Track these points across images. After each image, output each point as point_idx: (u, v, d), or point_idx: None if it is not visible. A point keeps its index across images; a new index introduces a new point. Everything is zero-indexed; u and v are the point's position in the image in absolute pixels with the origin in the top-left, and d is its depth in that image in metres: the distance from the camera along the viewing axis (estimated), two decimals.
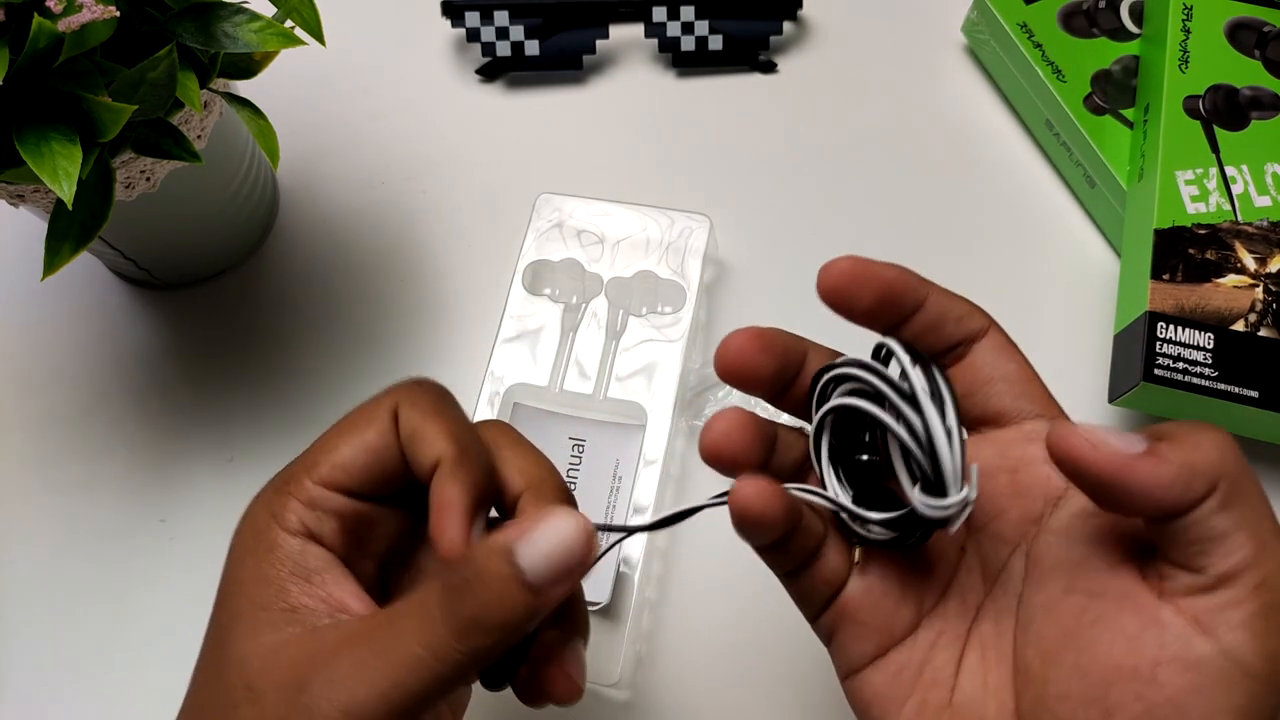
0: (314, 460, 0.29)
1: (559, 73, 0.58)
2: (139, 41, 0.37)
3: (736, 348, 0.28)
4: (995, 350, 0.30)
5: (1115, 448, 0.24)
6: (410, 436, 0.29)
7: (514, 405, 0.46)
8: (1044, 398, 0.30)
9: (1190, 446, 0.25)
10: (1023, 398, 0.29)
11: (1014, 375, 0.29)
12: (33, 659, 0.45)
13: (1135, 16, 0.55)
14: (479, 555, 0.25)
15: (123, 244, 0.47)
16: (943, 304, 0.29)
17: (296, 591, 0.27)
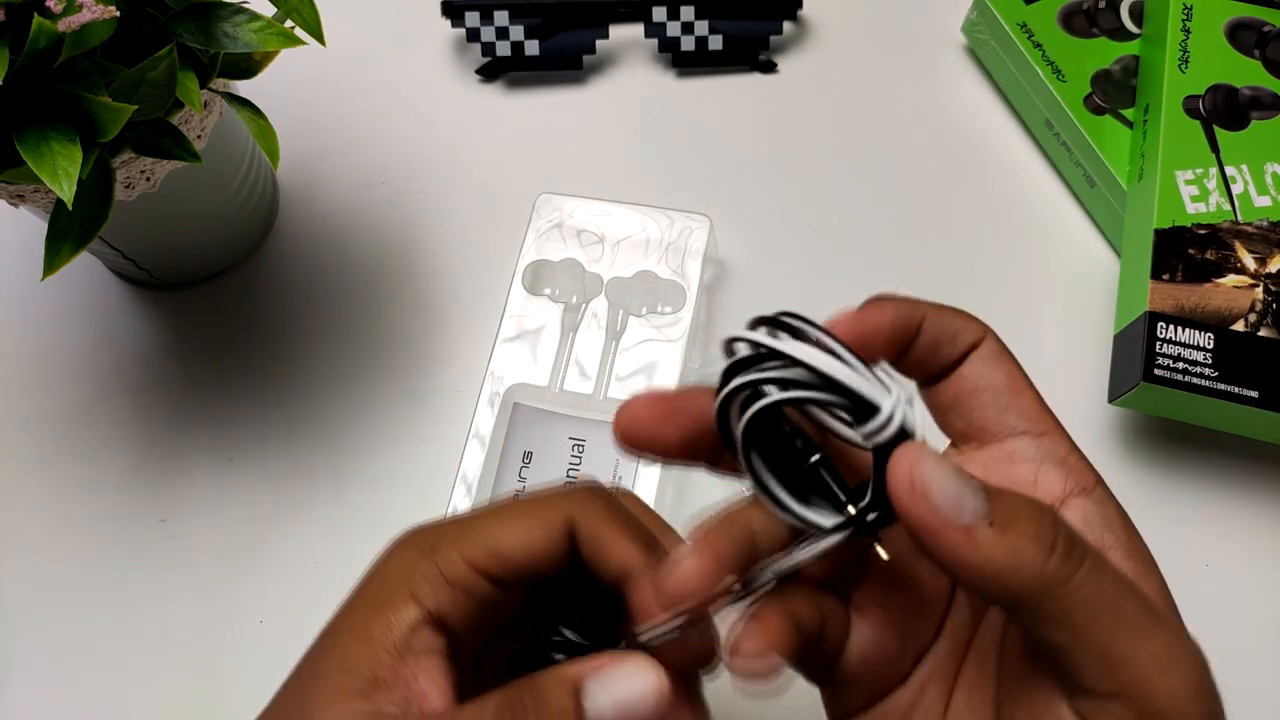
0: (469, 538, 0.27)
1: (559, 73, 0.58)
2: (139, 41, 0.37)
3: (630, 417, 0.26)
4: (985, 360, 0.28)
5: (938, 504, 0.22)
6: (594, 544, 0.27)
7: (514, 405, 0.46)
8: (1034, 411, 0.28)
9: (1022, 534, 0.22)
10: (1009, 411, 0.27)
11: (1001, 386, 0.28)
12: (33, 658, 0.45)
13: (1135, 16, 0.55)
14: (545, 683, 0.24)
15: (123, 244, 0.47)
16: (938, 324, 0.28)
17: (387, 665, 0.26)
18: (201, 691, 0.44)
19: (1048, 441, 0.27)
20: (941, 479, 0.22)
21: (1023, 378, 0.28)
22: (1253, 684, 0.44)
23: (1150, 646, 0.22)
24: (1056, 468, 0.26)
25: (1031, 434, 0.27)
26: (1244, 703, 0.44)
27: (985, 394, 0.28)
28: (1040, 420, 0.27)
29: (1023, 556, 0.21)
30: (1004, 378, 0.28)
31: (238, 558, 0.46)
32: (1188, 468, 0.48)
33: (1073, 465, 0.27)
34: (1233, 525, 0.47)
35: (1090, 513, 0.26)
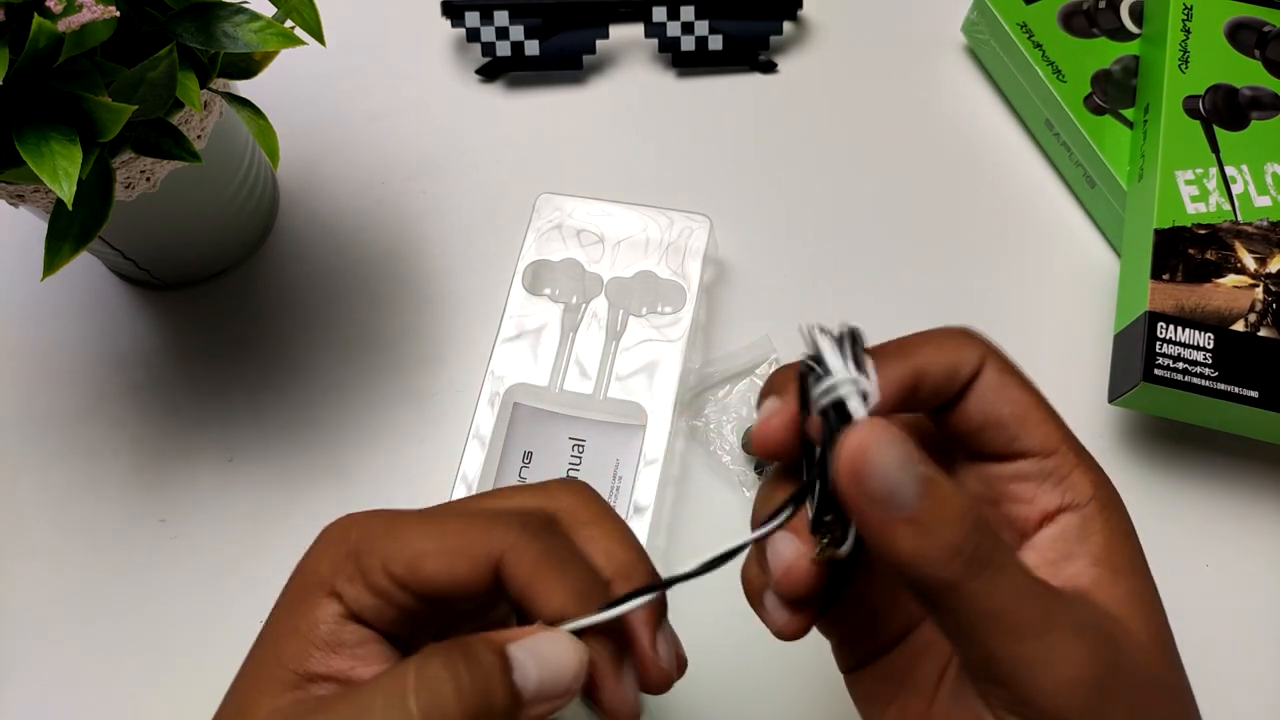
0: (395, 552, 0.26)
1: (559, 73, 0.58)
2: (139, 41, 0.37)
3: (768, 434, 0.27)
4: (988, 394, 0.27)
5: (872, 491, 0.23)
6: (523, 590, 0.26)
7: (514, 405, 0.46)
8: (1042, 432, 0.27)
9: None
10: (1018, 440, 0.27)
11: (1007, 418, 0.27)
12: (33, 658, 0.45)
13: (1135, 16, 0.55)
14: (472, 642, 0.24)
15: (123, 244, 0.47)
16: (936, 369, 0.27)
17: (318, 659, 0.26)
18: (201, 691, 0.44)
19: (1054, 460, 0.27)
20: (882, 467, 0.23)
21: (1029, 398, 0.28)
22: (1253, 684, 0.44)
23: (1033, 647, 0.23)
24: (1055, 486, 0.27)
25: (1040, 454, 0.27)
26: (1244, 702, 0.44)
27: (991, 428, 0.27)
28: (1048, 439, 0.27)
29: (928, 558, 0.23)
30: (1009, 409, 0.27)
31: (238, 558, 0.46)
32: (1188, 468, 0.48)
33: (1073, 482, 0.27)
34: (1233, 525, 0.47)
35: (1069, 527, 0.27)
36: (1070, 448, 0.27)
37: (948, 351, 0.27)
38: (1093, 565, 0.26)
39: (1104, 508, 0.27)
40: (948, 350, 0.27)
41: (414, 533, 0.27)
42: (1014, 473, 0.28)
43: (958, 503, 0.23)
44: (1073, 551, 0.27)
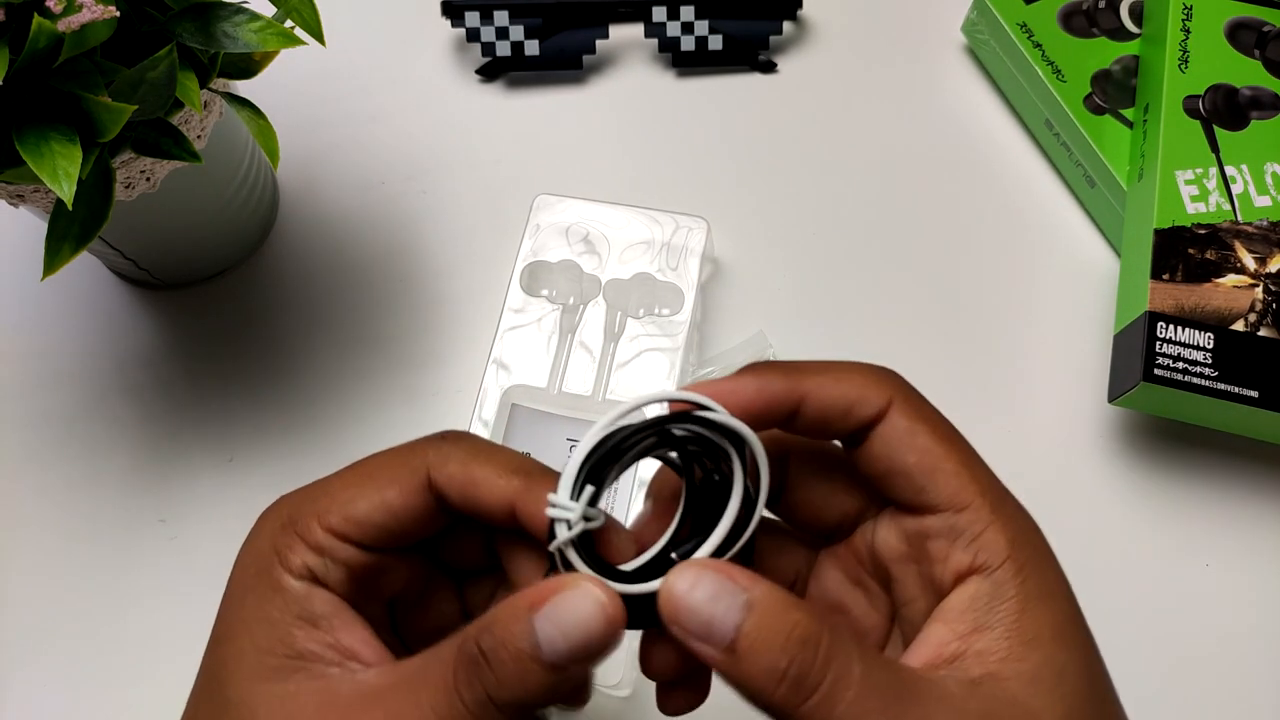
0: (326, 505, 0.27)
1: (559, 73, 0.58)
2: (139, 41, 0.37)
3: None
4: (893, 440, 0.26)
5: (689, 628, 0.23)
6: (464, 488, 0.27)
7: (512, 406, 0.46)
8: (951, 487, 0.26)
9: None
10: (925, 492, 0.26)
11: (913, 468, 0.26)
12: (33, 658, 0.45)
13: (1135, 16, 0.55)
14: (499, 626, 0.24)
15: (123, 244, 0.47)
16: (825, 398, 0.26)
17: (303, 637, 0.26)
18: None
19: (965, 517, 0.26)
20: (694, 605, 0.24)
21: (939, 448, 0.26)
22: (1253, 684, 0.44)
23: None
24: (967, 546, 0.26)
25: (949, 509, 0.26)
26: (1244, 702, 0.44)
27: (898, 477, 0.26)
28: (958, 494, 0.26)
29: (754, 685, 0.23)
30: (914, 458, 0.26)
31: None
32: (1188, 468, 0.48)
33: (985, 541, 0.25)
34: (1233, 525, 0.47)
35: (980, 593, 0.25)
36: (986, 503, 0.26)
37: (847, 385, 0.27)
38: (1004, 637, 0.25)
39: (1020, 569, 0.25)
40: (848, 384, 0.27)
41: (338, 484, 0.27)
42: (925, 528, 0.26)
43: (781, 624, 0.23)
44: (983, 622, 0.25)
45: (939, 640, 0.25)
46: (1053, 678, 0.24)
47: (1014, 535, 0.25)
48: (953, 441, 0.27)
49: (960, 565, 0.26)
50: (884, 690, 0.23)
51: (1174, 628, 0.45)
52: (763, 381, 0.26)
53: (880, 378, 0.27)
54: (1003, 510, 0.26)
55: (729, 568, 0.24)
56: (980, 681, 0.24)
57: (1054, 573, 0.26)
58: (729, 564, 0.25)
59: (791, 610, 0.24)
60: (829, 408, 0.26)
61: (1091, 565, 0.46)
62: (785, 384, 0.26)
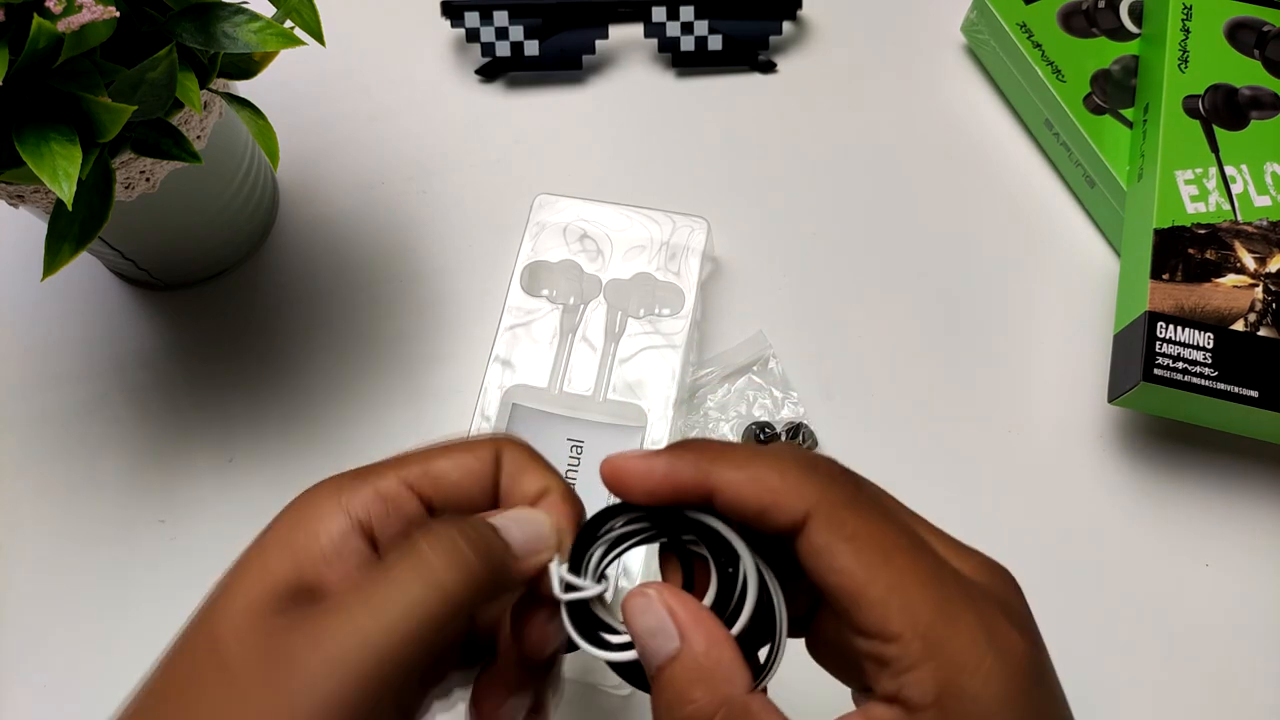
0: (406, 461, 0.28)
1: (559, 73, 0.58)
2: (139, 41, 0.37)
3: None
4: (812, 556, 0.24)
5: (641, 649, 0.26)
6: (516, 472, 0.29)
7: (513, 406, 0.46)
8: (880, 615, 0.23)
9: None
10: (849, 615, 0.23)
11: (833, 590, 0.24)
12: (33, 659, 0.45)
13: (1135, 16, 0.55)
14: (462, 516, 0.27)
15: (123, 244, 0.47)
16: (736, 497, 0.25)
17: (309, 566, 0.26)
18: None
19: (894, 649, 0.23)
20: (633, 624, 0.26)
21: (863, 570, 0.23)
22: (1253, 684, 0.44)
23: None
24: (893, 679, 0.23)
25: (878, 639, 0.23)
26: (1244, 702, 0.44)
27: (824, 593, 0.24)
28: (884, 625, 0.23)
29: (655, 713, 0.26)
30: (835, 580, 0.24)
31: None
32: (1188, 468, 0.48)
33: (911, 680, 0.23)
34: (1233, 525, 0.47)
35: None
36: (918, 636, 0.23)
37: (760, 488, 0.25)
38: None
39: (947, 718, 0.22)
40: (761, 487, 0.25)
41: (417, 454, 0.29)
42: (858, 646, 0.24)
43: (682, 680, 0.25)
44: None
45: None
46: None
47: (947, 681, 0.22)
48: (884, 558, 0.24)
49: (887, 691, 0.23)
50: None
51: (1174, 628, 0.45)
52: (672, 467, 0.26)
53: (801, 481, 0.25)
54: (941, 647, 0.23)
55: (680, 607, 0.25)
56: None
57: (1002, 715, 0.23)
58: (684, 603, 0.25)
59: (699, 682, 0.24)
60: (742, 508, 0.25)
61: (1091, 565, 0.46)
62: (694, 474, 0.25)
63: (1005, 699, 0.23)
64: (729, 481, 0.25)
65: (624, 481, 0.26)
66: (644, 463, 0.26)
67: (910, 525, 0.25)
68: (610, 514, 0.28)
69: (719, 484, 0.25)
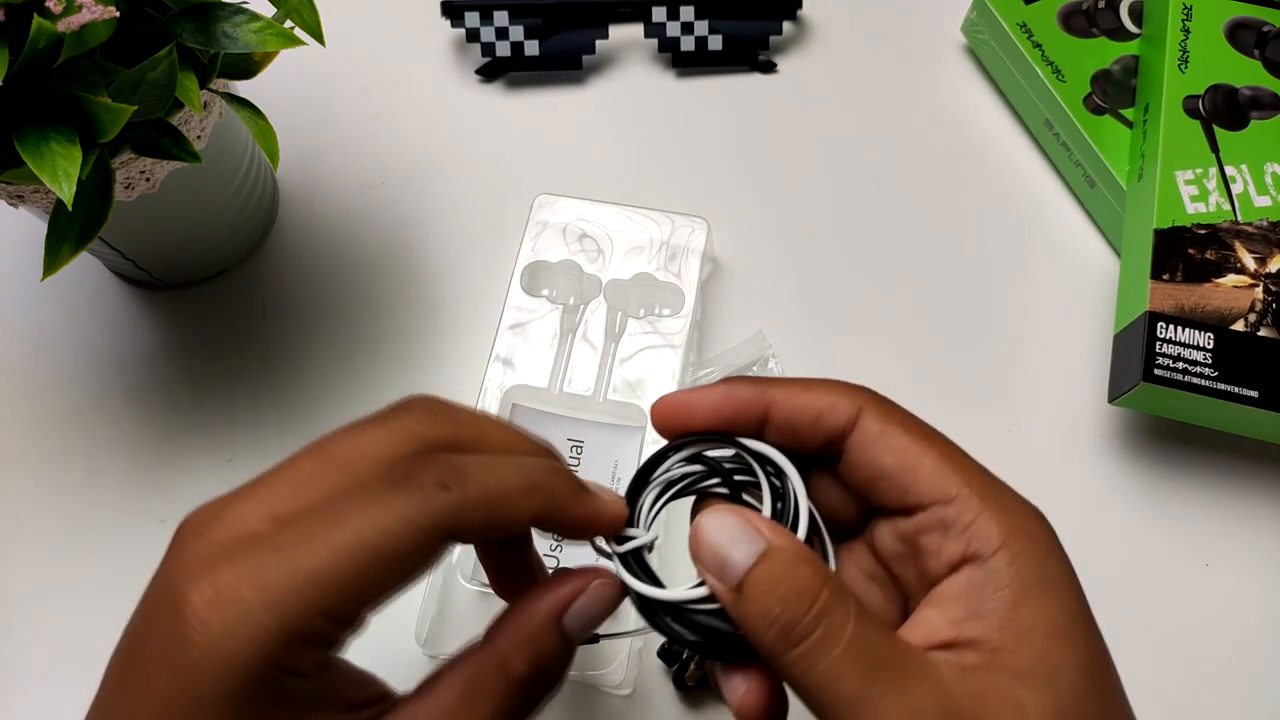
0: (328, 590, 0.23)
1: (559, 73, 0.58)
2: (139, 41, 0.37)
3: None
4: (867, 445, 0.27)
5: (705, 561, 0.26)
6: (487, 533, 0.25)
7: (513, 406, 0.46)
8: (935, 481, 0.26)
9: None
10: (909, 491, 0.26)
11: (891, 469, 0.26)
12: (32, 659, 0.45)
13: (1135, 16, 0.55)
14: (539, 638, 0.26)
15: (123, 244, 0.47)
16: (792, 406, 0.27)
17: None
18: None
19: (954, 509, 0.26)
20: (711, 542, 0.26)
21: (916, 446, 0.26)
22: (1253, 684, 0.44)
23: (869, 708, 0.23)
24: (959, 535, 0.25)
25: (936, 503, 0.26)
26: (1244, 702, 0.44)
27: (879, 481, 0.27)
28: (942, 487, 0.26)
29: (748, 625, 0.25)
30: (892, 459, 0.26)
31: None
32: (1188, 468, 0.48)
33: (977, 530, 0.25)
34: (1233, 525, 0.47)
35: (973, 581, 0.25)
36: (975, 492, 0.26)
37: (814, 395, 0.27)
38: (997, 628, 0.24)
39: (1015, 558, 0.25)
40: (815, 393, 0.27)
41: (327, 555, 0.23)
42: (917, 525, 0.26)
43: (785, 573, 0.25)
44: (976, 609, 0.25)
45: (930, 625, 0.25)
46: (1045, 674, 0.24)
47: (1008, 523, 0.25)
48: (930, 438, 0.27)
49: (953, 555, 0.25)
50: (871, 656, 0.24)
51: (1174, 628, 0.45)
52: (730, 389, 0.28)
53: (849, 389, 0.27)
54: (996, 499, 0.26)
55: (756, 518, 0.26)
56: (972, 670, 0.24)
57: (1056, 564, 0.25)
58: (757, 515, 0.26)
59: (800, 564, 0.25)
60: (796, 416, 0.27)
61: (1091, 565, 0.46)
62: (752, 392, 0.27)
63: (1053, 540, 0.26)
64: (786, 392, 0.27)
65: (684, 409, 0.28)
66: (700, 392, 0.28)
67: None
68: (662, 456, 0.28)
69: (776, 396, 0.27)
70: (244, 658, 0.22)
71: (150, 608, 0.26)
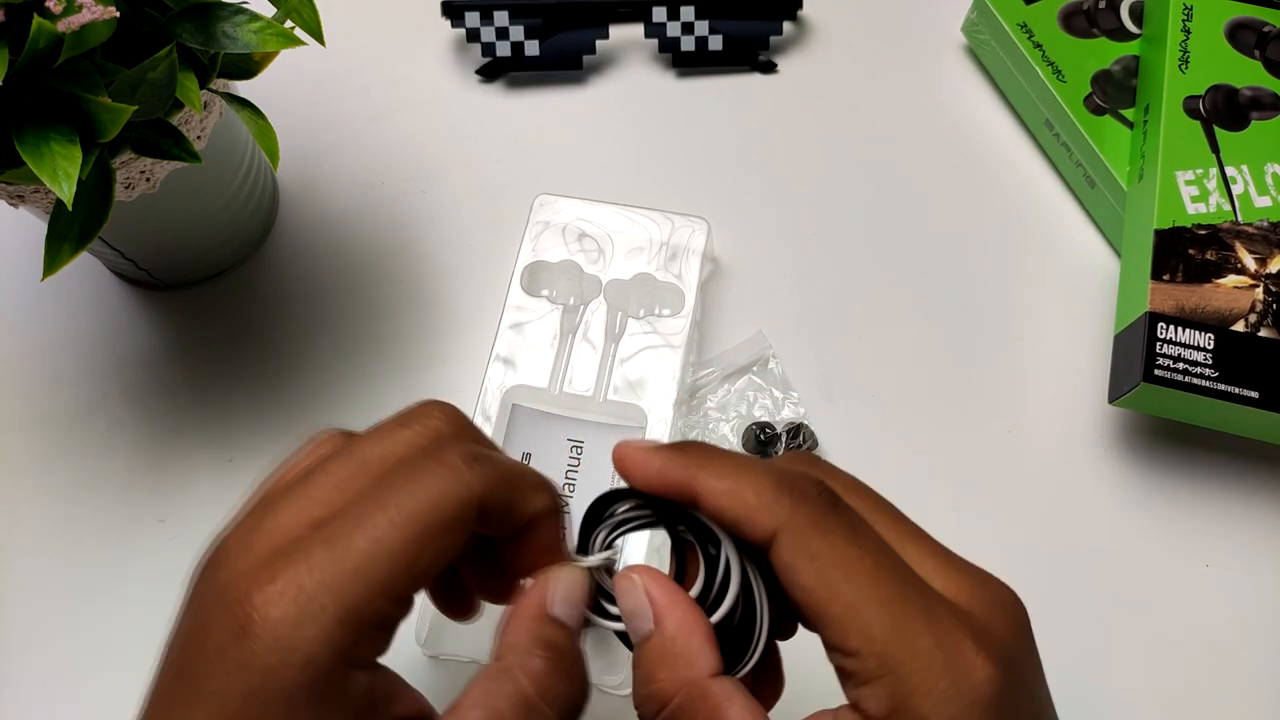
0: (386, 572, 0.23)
1: (559, 73, 0.58)
2: (139, 41, 0.37)
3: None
4: (780, 568, 0.25)
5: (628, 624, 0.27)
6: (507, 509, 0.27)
7: (513, 407, 0.46)
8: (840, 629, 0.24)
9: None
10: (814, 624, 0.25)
11: (799, 601, 0.25)
12: (32, 659, 0.45)
13: (1135, 16, 0.55)
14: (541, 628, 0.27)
15: (123, 244, 0.47)
16: (716, 506, 0.26)
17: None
18: None
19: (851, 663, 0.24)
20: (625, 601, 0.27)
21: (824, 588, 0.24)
22: (1253, 684, 0.44)
23: None
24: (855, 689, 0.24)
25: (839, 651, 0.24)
26: (1244, 702, 0.44)
27: (794, 607, 0.25)
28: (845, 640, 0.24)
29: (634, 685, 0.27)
30: (799, 594, 0.25)
31: None
32: (1188, 468, 0.48)
33: (867, 694, 0.24)
34: (1233, 525, 0.47)
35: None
36: (874, 654, 0.23)
37: (736, 500, 0.26)
38: None
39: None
40: (737, 499, 0.26)
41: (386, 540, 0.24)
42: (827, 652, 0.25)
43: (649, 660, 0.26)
44: None
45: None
46: None
47: (900, 698, 0.23)
48: (845, 578, 0.24)
49: (851, 700, 0.24)
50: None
51: (1174, 628, 0.45)
52: (666, 466, 0.27)
53: (775, 500, 0.25)
54: (898, 665, 0.23)
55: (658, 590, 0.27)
56: None
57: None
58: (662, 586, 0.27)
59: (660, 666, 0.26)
60: (721, 515, 0.26)
61: (1092, 565, 0.46)
62: (682, 477, 0.27)
63: (977, 690, 0.23)
64: (710, 490, 0.26)
65: (626, 470, 0.28)
66: (644, 455, 0.28)
67: (883, 543, 0.25)
68: (615, 497, 0.29)
69: (702, 490, 0.27)
70: (310, 646, 0.22)
71: (203, 617, 0.25)
